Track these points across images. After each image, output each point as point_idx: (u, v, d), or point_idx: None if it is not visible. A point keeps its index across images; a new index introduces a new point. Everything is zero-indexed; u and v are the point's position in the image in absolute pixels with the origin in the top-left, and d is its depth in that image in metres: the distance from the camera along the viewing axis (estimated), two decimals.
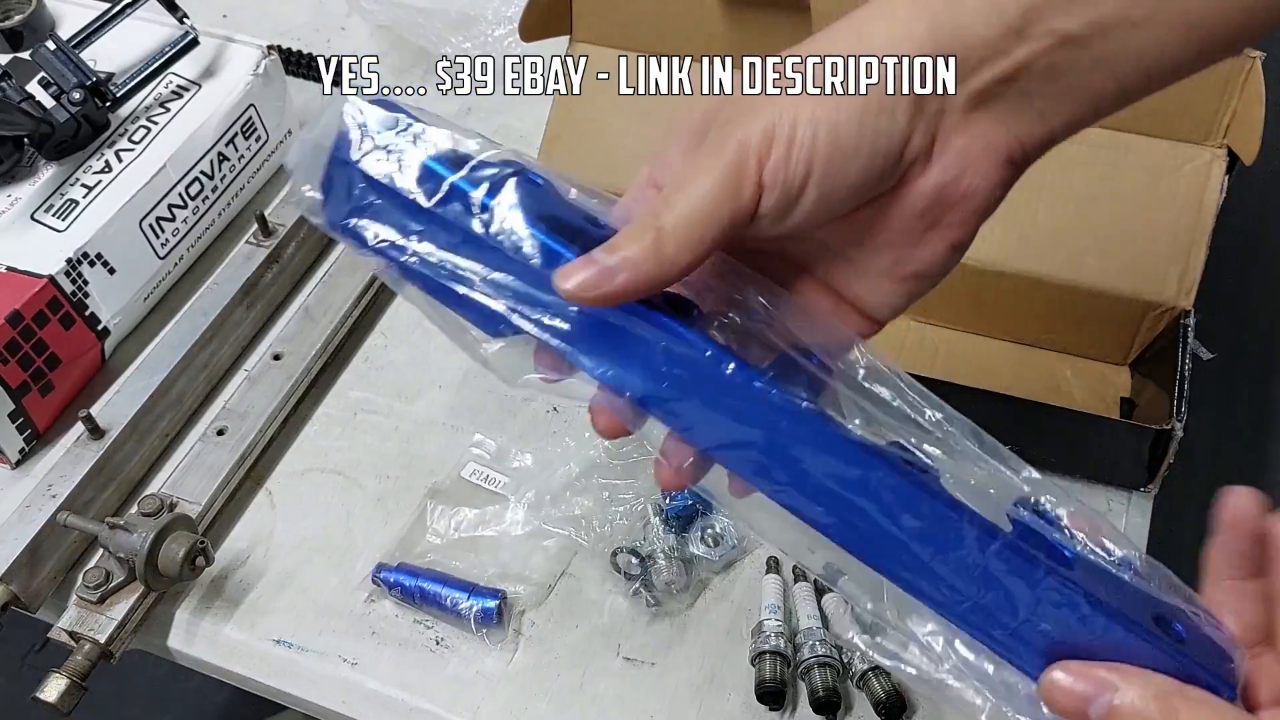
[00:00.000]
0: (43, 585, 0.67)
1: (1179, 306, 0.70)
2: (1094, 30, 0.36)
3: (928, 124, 0.38)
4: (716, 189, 0.37)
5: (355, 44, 1.07)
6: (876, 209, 0.39)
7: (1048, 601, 0.35)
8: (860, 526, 0.38)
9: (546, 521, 0.69)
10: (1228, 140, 0.70)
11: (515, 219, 0.39)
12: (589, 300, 0.37)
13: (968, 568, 0.36)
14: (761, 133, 0.37)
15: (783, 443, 0.38)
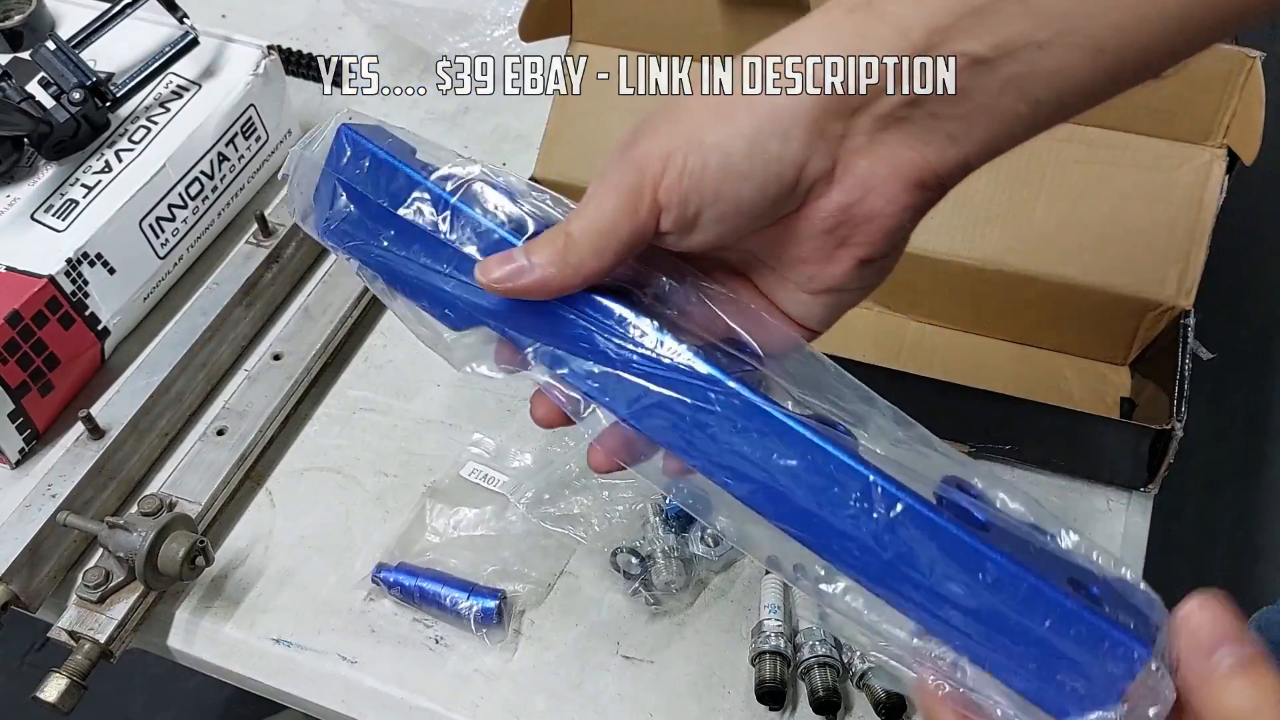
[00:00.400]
0: (43, 585, 0.67)
1: (1179, 306, 0.70)
2: (1000, 52, 0.37)
3: (829, 147, 0.39)
4: (617, 206, 0.40)
5: (353, 44, 1.07)
6: (785, 226, 0.41)
7: (959, 559, 0.36)
8: (775, 488, 0.39)
9: (546, 520, 0.69)
10: (1228, 140, 0.70)
11: (470, 220, 0.44)
12: (504, 292, 0.41)
13: (878, 526, 0.37)
14: (659, 156, 0.39)
15: (701, 411, 0.40)
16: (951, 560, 0.36)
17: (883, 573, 0.38)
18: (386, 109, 1.00)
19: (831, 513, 0.38)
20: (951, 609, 0.36)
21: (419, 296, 0.45)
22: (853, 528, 0.38)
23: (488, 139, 0.97)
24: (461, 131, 0.98)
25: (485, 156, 0.95)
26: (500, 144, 0.96)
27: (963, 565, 0.36)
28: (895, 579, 0.37)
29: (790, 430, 0.39)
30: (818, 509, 0.38)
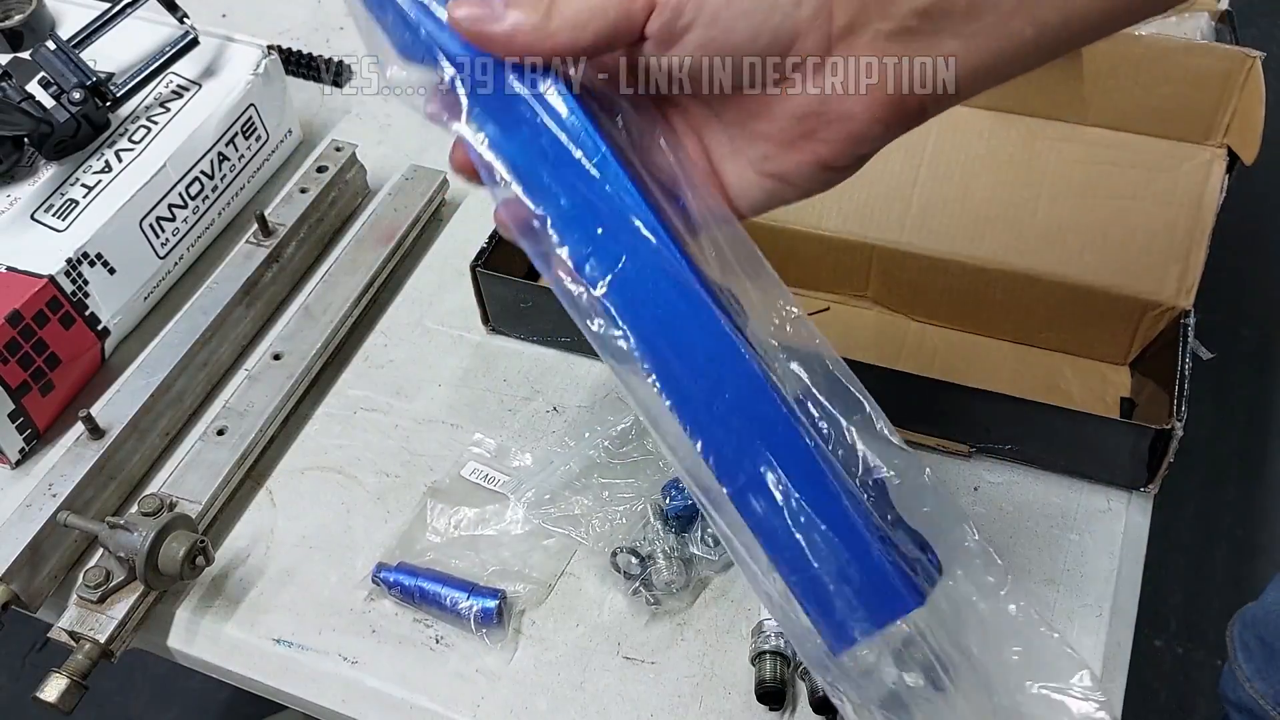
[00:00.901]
0: (43, 585, 0.67)
1: (1179, 306, 0.70)
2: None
3: (828, 33, 0.39)
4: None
5: (354, 44, 1.07)
6: (760, 100, 0.41)
7: (791, 458, 0.40)
8: (658, 334, 0.41)
9: (546, 520, 0.69)
10: (1228, 140, 0.70)
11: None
12: (468, 35, 0.40)
13: (729, 406, 0.40)
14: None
15: (617, 239, 0.41)
16: (787, 459, 0.39)
17: (722, 447, 0.40)
18: (387, 109, 1.00)
19: (693, 372, 0.40)
20: (766, 501, 0.39)
21: (384, 8, 0.42)
22: (708, 395, 0.40)
23: None
24: None
25: None
26: None
27: (792, 467, 0.39)
28: (731, 457, 0.40)
29: (691, 286, 0.40)
30: (680, 360, 0.40)
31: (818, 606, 0.40)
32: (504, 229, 0.43)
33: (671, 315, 0.40)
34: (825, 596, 0.40)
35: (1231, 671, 1.00)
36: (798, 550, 0.39)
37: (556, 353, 0.80)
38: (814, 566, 0.40)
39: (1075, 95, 0.72)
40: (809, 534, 0.39)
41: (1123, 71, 0.70)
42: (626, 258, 0.40)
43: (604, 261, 0.41)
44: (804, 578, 0.40)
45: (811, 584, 0.40)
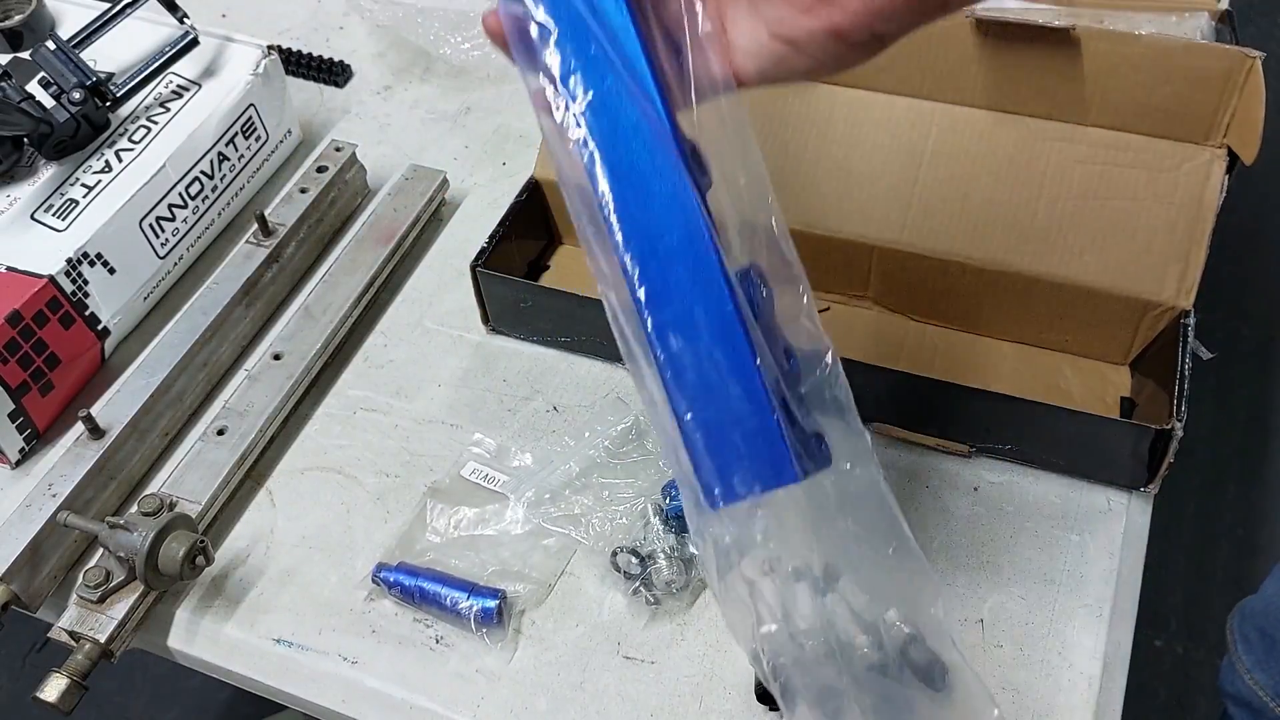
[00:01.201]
0: (43, 585, 0.67)
1: (1179, 306, 0.70)
2: None
3: None
4: None
5: (354, 43, 1.07)
6: None
7: (715, 319, 0.42)
8: (630, 188, 0.42)
9: (546, 520, 0.69)
10: (1228, 140, 0.70)
11: None
12: None
13: (673, 255, 0.42)
14: None
15: (606, 55, 0.42)
16: (712, 308, 0.42)
17: (655, 280, 0.42)
18: (387, 109, 1.00)
19: (645, 206, 0.42)
20: (683, 340, 0.42)
21: None
22: (654, 230, 0.42)
23: (489, 138, 0.97)
24: (463, 131, 0.98)
25: (487, 156, 0.95)
26: (502, 144, 0.96)
27: (715, 317, 0.42)
28: (661, 291, 0.42)
29: (663, 126, 0.42)
30: (635, 191, 0.42)
31: (707, 452, 0.43)
32: (494, 36, 0.44)
33: (639, 147, 0.42)
34: (716, 444, 0.42)
35: (1231, 664, 1.00)
36: (700, 392, 0.42)
37: (556, 353, 0.80)
38: (710, 411, 0.42)
39: (1075, 95, 0.72)
40: (714, 380, 0.42)
41: (1123, 71, 0.70)
42: (611, 79, 0.42)
43: (589, 79, 0.42)
44: (699, 420, 0.42)
45: (705, 428, 0.42)
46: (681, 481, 0.44)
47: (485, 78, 1.02)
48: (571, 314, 0.77)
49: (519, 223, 0.81)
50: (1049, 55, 0.71)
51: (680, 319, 0.42)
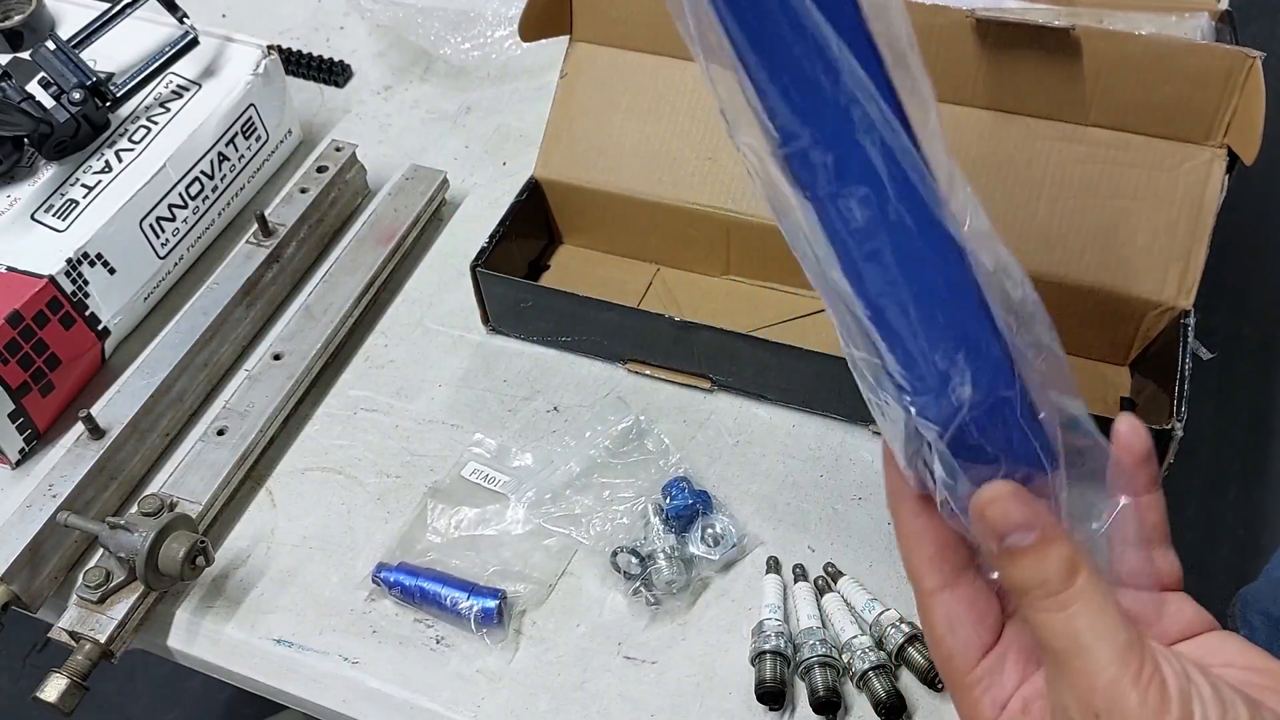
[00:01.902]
0: (43, 585, 0.67)
1: (1179, 306, 0.70)
2: None
3: None
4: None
5: (354, 43, 1.07)
6: None
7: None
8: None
9: (547, 520, 0.69)
10: (1228, 140, 0.70)
11: None
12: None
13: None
14: None
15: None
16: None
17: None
18: (387, 109, 1.00)
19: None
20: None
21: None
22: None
23: (490, 138, 0.97)
24: (463, 131, 0.98)
25: (487, 156, 0.95)
26: (503, 144, 0.96)
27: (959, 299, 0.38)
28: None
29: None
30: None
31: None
32: None
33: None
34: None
35: None
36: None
37: (556, 353, 0.80)
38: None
39: (1075, 95, 0.72)
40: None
41: (1123, 71, 0.70)
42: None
43: None
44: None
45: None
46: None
47: (485, 78, 1.02)
48: (572, 314, 0.77)
49: (519, 223, 0.81)
50: (1049, 55, 0.71)
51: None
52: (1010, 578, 0.37)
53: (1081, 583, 0.36)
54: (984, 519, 0.36)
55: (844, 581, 0.66)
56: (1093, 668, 0.34)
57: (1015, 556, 0.36)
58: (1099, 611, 0.35)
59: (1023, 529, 0.36)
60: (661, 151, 0.80)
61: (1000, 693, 0.39)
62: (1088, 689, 0.34)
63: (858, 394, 0.42)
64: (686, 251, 0.82)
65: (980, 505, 0.37)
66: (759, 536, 0.69)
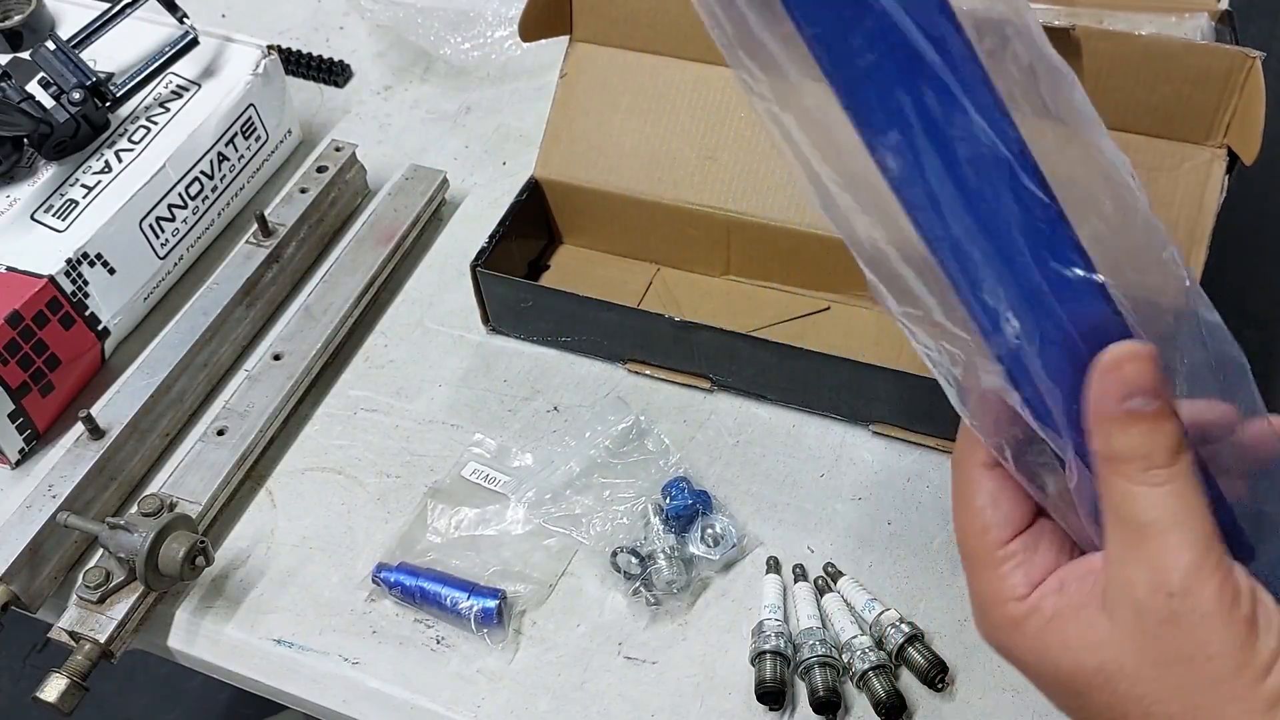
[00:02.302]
0: (43, 585, 0.67)
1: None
2: None
3: None
4: None
5: (354, 43, 1.07)
6: None
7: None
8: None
9: (547, 520, 0.69)
10: (1228, 140, 0.70)
11: None
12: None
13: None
14: None
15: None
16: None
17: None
18: (387, 109, 1.00)
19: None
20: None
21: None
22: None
23: (490, 138, 0.97)
24: (463, 131, 0.98)
25: (487, 156, 0.95)
26: (503, 144, 0.96)
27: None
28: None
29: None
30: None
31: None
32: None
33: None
34: None
35: None
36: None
37: (556, 353, 0.80)
38: None
39: None
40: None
41: (1123, 71, 0.70)
42: None
43: None
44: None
45: None
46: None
47: (485, 78, 1.02)
48: (572, 314, 0.77)
49: (519, 223, 0.81)
50: None
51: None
52: (1115, 443, 0.36)
53: (1183, 464, 0.35)
54: (1117, 372, 0.36)
55: (844, 581, 0.66)
56: (1176, 547, 0.34)
57: (1130, 421, 0.36)
58: (1193, 495, 0.35)
59: (1149, 394, 0.35)
60: (661, 151, 0.80)
61: (1034, 570, 0.39)
62: (1167, 567, 0.34)
63: (857, 394, 0.42)
64: (686, 251, 0.82)
65: (1118, 358, 0.36)
66: (759, 536, 0.69)
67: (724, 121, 0.78)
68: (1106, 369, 0.36)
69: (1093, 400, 0.36)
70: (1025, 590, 0.38)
